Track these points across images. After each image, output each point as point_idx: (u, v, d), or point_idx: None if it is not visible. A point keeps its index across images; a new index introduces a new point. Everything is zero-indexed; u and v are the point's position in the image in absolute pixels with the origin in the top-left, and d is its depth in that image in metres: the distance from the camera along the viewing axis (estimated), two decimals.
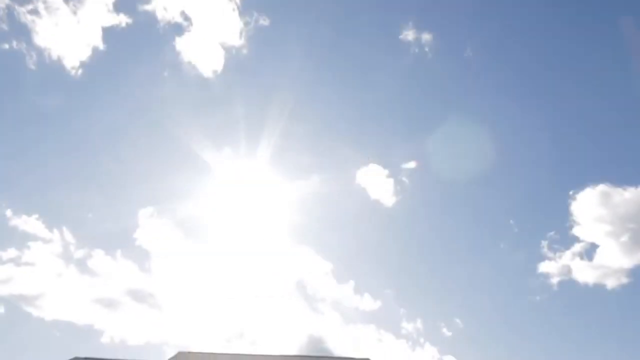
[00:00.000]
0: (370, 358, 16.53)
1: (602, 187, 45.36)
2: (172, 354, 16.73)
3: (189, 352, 16.36)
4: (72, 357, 15.62)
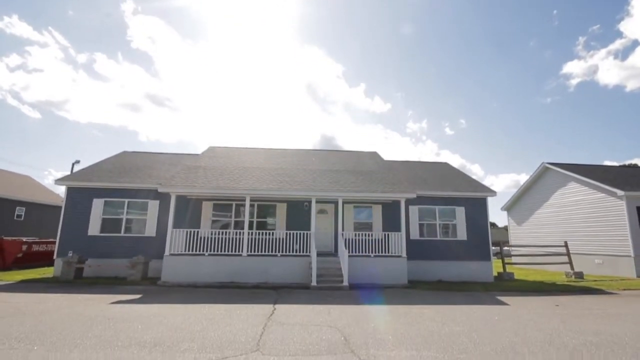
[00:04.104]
0: (376, 151, 19.71)
1: None
2: (204, 149, 19.58)
3: (218, 147, 18.91)
4: (120, 152, 19.24)
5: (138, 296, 9.42)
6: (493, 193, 15.63)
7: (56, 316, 6.73)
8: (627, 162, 47.04)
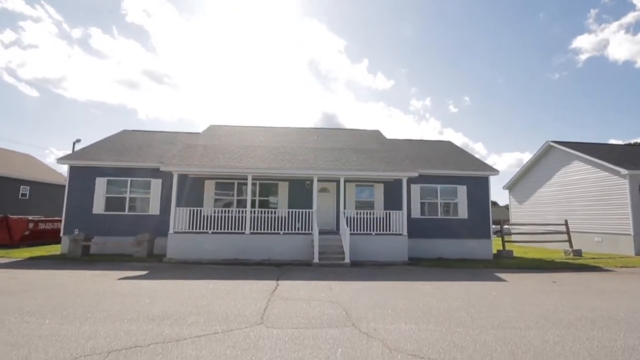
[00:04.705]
0: (379, 130, 19.56)
1: None
2: (204, 127, 19.69)
3: (219, 126, 18.84)
4: (120, 130, 19.25)
5: (144, 272, 9.67)
6: (495, 172, 15.58)
7: (65, 291, 6.94)
8: (632, 141, 46.54)
